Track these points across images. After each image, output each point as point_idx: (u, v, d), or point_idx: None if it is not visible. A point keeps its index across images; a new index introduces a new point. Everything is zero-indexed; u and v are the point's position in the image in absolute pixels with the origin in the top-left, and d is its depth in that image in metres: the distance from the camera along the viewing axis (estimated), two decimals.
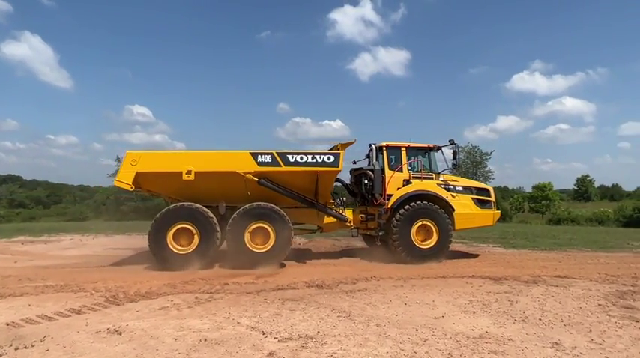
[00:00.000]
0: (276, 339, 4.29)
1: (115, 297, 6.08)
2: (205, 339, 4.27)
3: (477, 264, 9.53)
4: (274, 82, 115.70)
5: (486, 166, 37.91)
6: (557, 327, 4.81)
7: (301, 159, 8.87)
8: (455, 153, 10.15)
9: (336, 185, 10.45)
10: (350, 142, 9.64)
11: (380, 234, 9.72)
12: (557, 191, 48.59)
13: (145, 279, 7.32)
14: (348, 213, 10.11)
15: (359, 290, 6.59)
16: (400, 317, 5.17)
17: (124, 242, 13.93)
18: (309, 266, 9.30)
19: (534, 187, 47.34)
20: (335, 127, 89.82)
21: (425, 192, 9.76)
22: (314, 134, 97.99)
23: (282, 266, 8.87)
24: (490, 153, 38.07)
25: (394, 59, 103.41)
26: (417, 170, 10.21)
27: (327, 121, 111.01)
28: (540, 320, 5.08)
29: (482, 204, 10.25)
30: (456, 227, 9.81)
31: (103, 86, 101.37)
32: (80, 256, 10.75)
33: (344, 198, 10.70)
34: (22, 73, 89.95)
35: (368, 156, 10.55)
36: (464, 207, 9.96)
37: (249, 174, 8.71)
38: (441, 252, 9.63)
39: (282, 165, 8.84)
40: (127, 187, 8.50)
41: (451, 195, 9.95)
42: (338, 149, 9.60)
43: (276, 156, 8.85)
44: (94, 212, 36.57)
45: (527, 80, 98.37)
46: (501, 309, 5.55)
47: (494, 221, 10.43)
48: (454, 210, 9.80)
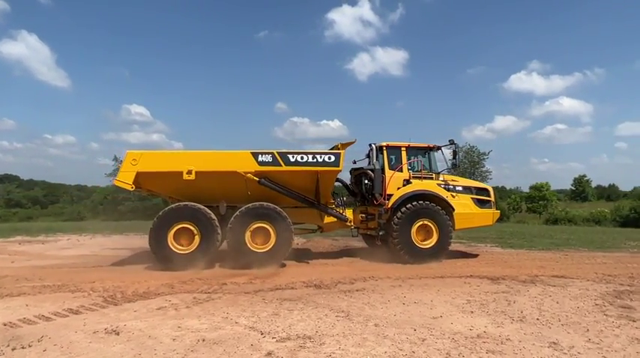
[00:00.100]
0: (275, 339, 4.28)
1: (113, 297, 6.06)
2: (203, 339, 4.26)
3: (474, 264, 9.55)
4: (272, 82, 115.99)
5: (484, 166, 37.91)
6: (554, 327, 4.82)
7: (302, 158, 8.86)
8: (455, 153, 10.20)
9: (337, 185, 10.45)
10: (350, 142, 9.65)
11: (380, 233, 9.74)
12: (554, 191, 48.81)
13: (143, 279, 7.30)
14: (348, 213, 10.12)
15: (357, 290, 6.58)
16: (398, 317, 5.17)
17: (121, 242, 13.90)
18: (307, 266, 9.30)
19: (532, 187, 47.57)
20: (333, 127, 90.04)
21: (425, 192, 9.77)
22: (312, 134, 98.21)
23: (283, 266, 8.87)
24: (488, 153, 38.06)
25: (392, 59, 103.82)
26: (417, 170, 10.23)
27: (325, 121, 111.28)
28: (538, 319, 5.09)
29: (481, 203, 10.29)
30: (456, 227, 9.84)
31: (100, 85, 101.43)
32: (77, 256, 10.71)
33: (344, 198, 10.70)
34: (19, 72, 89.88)
35: (368, 156, 10.56)
36: (464, 207, 9.98)
37: (249, 173, 8.71)
38: (441, 252, 9.65)
39: (282, 164, 8.84)
40: (128, 187, 8.49)
41: (451, 194, 9.98)
42: (338, 149, 9.61)
43: (277, 156, 8.85)
44: (91, 212, 36.52)
45: (525, 80, 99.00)
46: (499, 309, 5.56)
47: (493, 221, 10.47)
48: (454, 209, 9.82)
